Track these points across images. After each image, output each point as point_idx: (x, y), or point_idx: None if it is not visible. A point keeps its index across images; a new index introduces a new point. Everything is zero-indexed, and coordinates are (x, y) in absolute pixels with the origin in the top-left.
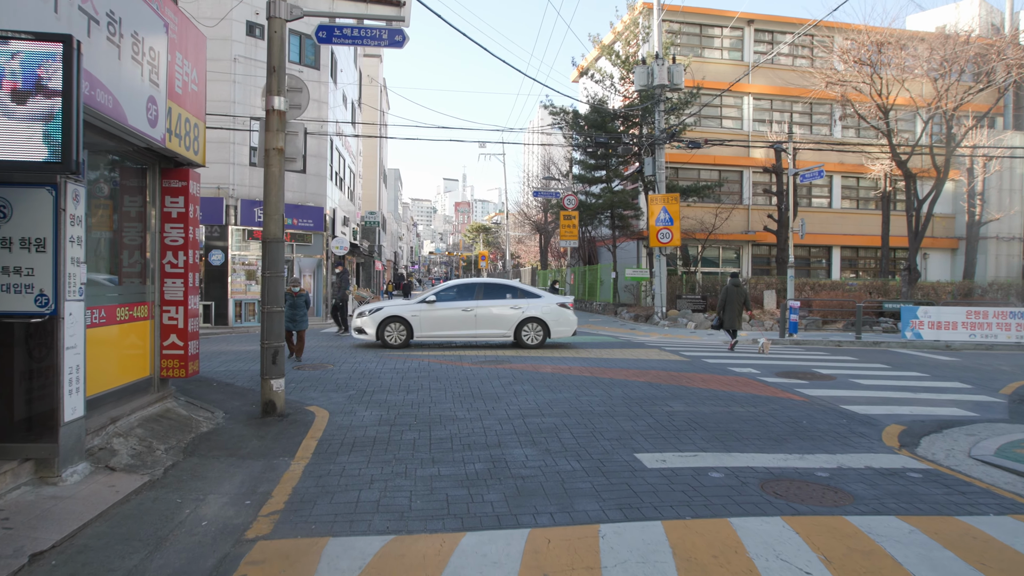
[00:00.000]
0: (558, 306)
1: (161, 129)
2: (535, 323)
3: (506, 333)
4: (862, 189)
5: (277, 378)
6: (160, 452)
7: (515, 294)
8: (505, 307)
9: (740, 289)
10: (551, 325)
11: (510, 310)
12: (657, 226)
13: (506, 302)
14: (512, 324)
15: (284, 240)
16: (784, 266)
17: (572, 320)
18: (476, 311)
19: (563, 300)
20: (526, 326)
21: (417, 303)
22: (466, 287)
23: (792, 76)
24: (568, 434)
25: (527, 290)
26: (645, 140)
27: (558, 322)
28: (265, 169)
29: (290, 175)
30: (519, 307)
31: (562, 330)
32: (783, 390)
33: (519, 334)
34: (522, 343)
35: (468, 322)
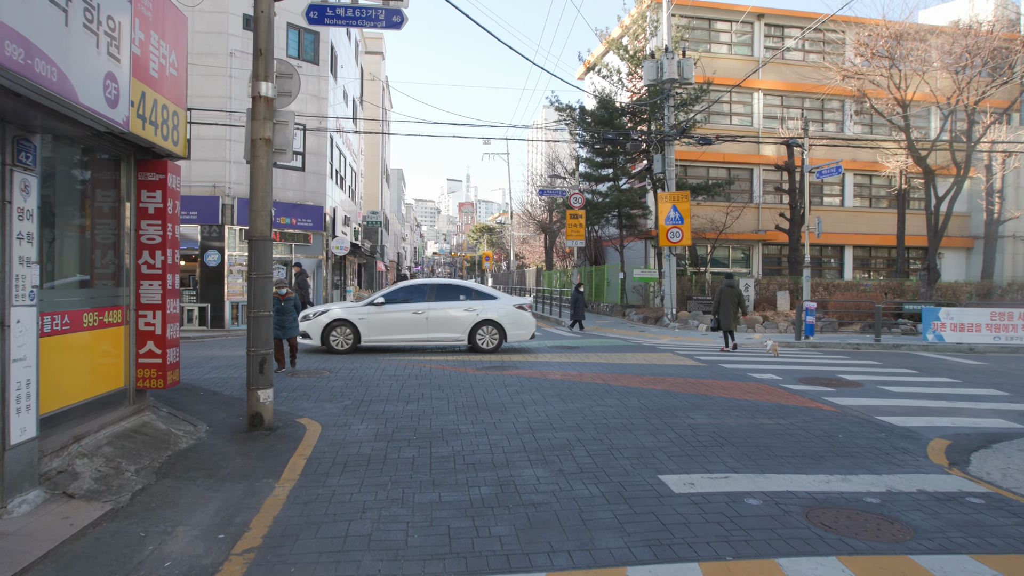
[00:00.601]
0: (515, 308)
1: (124, 111)
2: (490, 326)
3: (459, 337)
4: (875, 187)
5: (264, 388)
6: (129, 474)
7: (470, 295)
8: (459, 309)
9: (734, 290)
10: (507, 328)
11: (464, 312)
12: (667, 225)
13: (460, 304)
14: (466, 327)
15: (272, 239)
16: (796, 266)
17: (530, 323)
18: (428, 314)
19: (521, 302)
20: (481, 329)
21: (364, 305)
22: (417, 288)
23: (803, 72)
24: (583, 451)
25: (482, 291)
26: (654, 136)
27: (515, 325)
28: (251, 161)
29: (289, 173)
30: (473, 309)
31: (519, 333)
32: (810, 399)
33: (473, 338)
34: (477, 347)
35: (419, 325)
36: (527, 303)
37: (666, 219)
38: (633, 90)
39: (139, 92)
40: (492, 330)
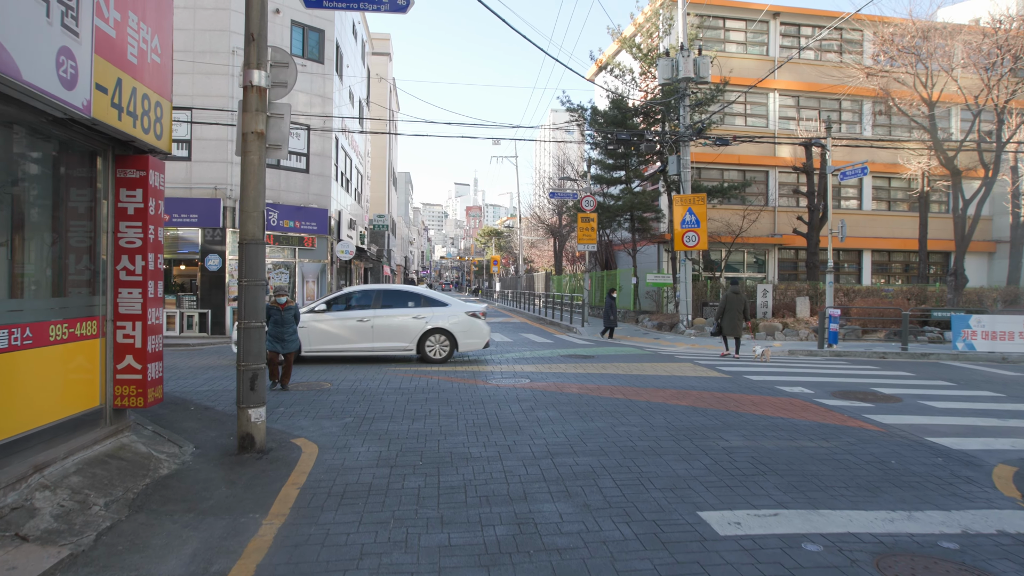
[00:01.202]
0: (467, 316)
1: (83, 94)
2: (441, 335)
3: (408, 346)
4: (894, 190)
5: (256, 407)
6: (97, 508)
7: (419, 302)
8: (407, 317)
9: (739, 296)
10: (459, 337)
11: (412, 320)
12: (682, 229)
13: (408, 311)
14: (414, 336)
15: (266, 242)
16: (814, 271)
17: (483, 331)
18: (373, 321)
19: (474, 309)
20: (430, 338)
21: (305, 312)
22: (363, 294)
23: (820, 72)
24: (609, 481)
25: (433, 298)
26: (669, 137)
27: (467, 333)
28: (242, 157)
29: (293, 175)
30: (422, 317)
31: (471, 342)
32: (850, 416)
33: (422, 347)
34: (426, 357)
35: (364, 334)
36: (480, 310)
37: (682, 222)
38: (646, 90)
39: (114, 78)
40: (442, 339)
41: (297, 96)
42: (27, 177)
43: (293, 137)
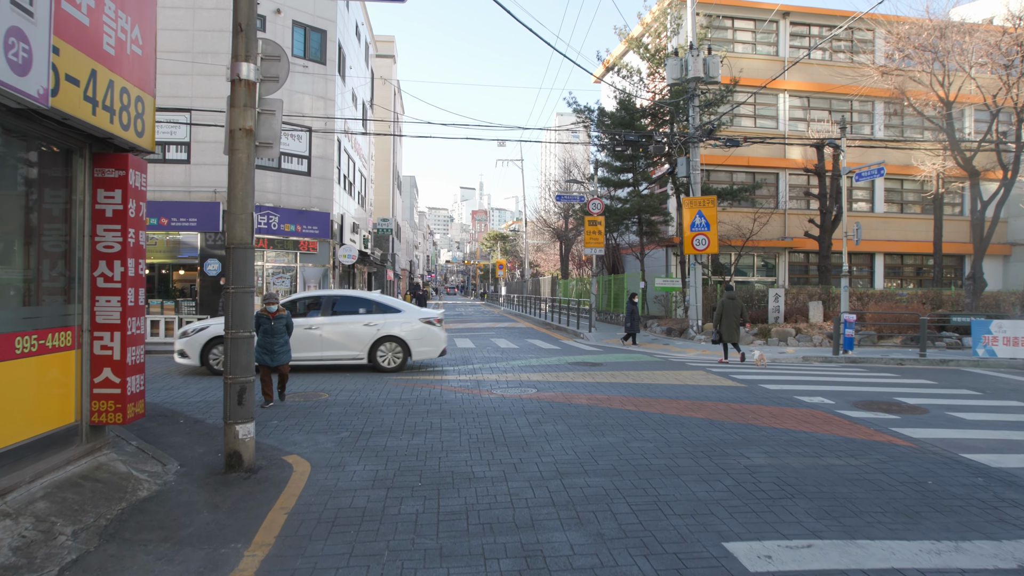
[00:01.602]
0: (422, 323)
1: (40, 81)
2: (393, 342)
3: (358, 355)
4: (906, 192)
5: (244, 422)
6: (64, 538)
7: (371, 309)
8: (358, 324)
9: (736, 302)
10: (412, 345)
11: (363, 328)
12: (692, 232)
13: (359, 318)
14: (366, 344)
15: (255, 246)
16: (826, 275)
17: (439, 338)
18: (323, 329)
19: (429, 316)
20: (382, 346)
21: None
22: (312, 301)
23: (831, 72)
24: (624, 505)
25: (386, 304)
26: (678, 138)
27: (421, 341)
28: (230, 156)
29: (294, 177)
30: (374, 324)
31: (426, 350)
32: (876, 430)
33: (374, 355)
34: (378, 366)
35: (312, 342)
36: (436, 316)
37: (691, 225)
38: (654, 91)
39: (88, 69)
40: (395, 347)
41: (298, 97)
42: (5, 178)
43: (294, 139)
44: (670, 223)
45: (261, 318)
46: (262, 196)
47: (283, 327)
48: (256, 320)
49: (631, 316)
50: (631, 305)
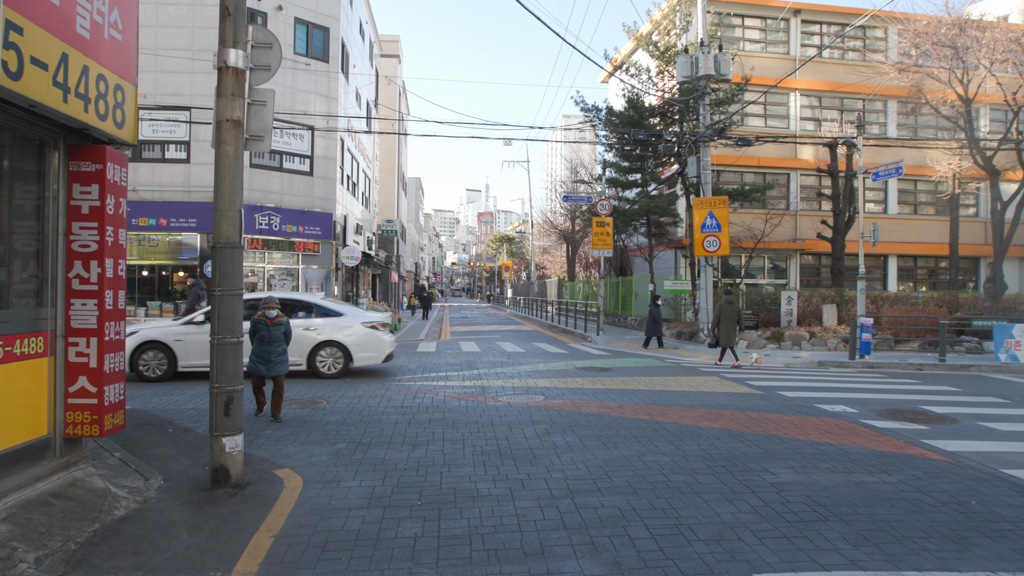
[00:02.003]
0: (364, 327)
1: None
2: (333, 347)
3: (296, 360)
4: (920, 193)
5: (231, 435)
6: (26, 566)
7: (311, 312)
8: (296, 329)
9: (733, 306)
10: (353, 350)
11: (302, 332)
12: (703, 233)
13: (297, 322)
14: (304, 350)
15: (243, 246)
16: (839, 277)
17: (382, 343)
18: None
19: (372, 320)
20: (322, 351)
21: (182, 324)
22: (251, 303)
23: (844, 71)
24: (642, 529)
25: (327, 307)
26: (688, 137)
27: (363, 346)
28: (216, 148)
29: (295, 177)
30: (313, 328)
31: (368, 355)
32: (907, 442)
33: (313, 361)
34: (317, 372)
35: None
36: (380, 320)
37: (702, 227)
38: (663, 89)
39: (58, 52)
40: (336, 352)
41: (301, 96)
42: None
43: (296, 138)
44: (679, 224)
45: (258, 324)
46: (263, 196)
47: (281, 335)
48: (252, 326)
49: (653, 321)
50: (654, 308)
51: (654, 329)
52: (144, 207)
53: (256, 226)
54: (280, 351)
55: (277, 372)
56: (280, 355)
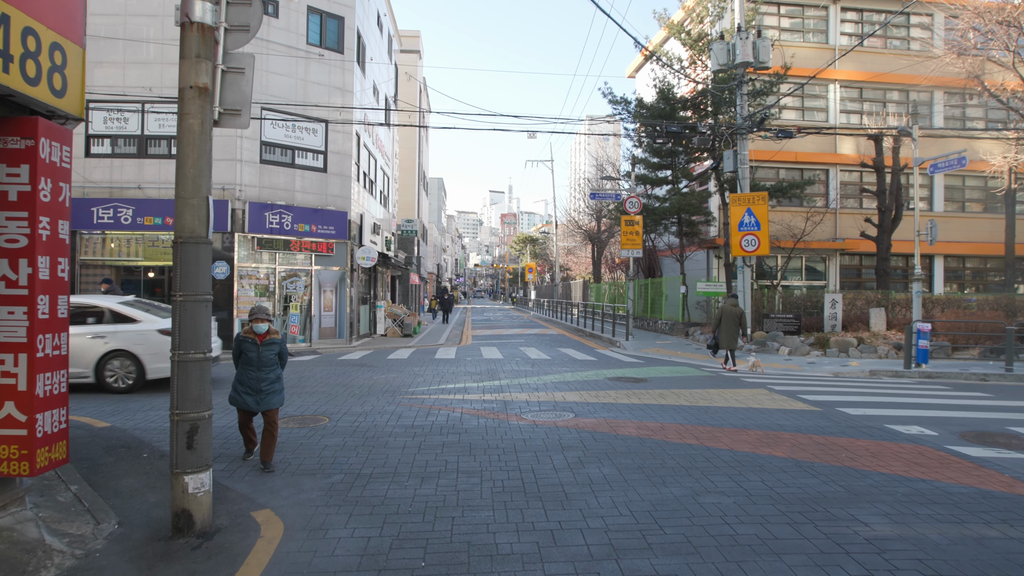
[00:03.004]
0: (159, 334)
1: None
2: (124, 358)
3: (83, 372)
4: (968, 189)
5: (196, 471)
6: None
7: (101, 318)
8: (83, 337)
9: (736, 309)
10: (146, 360)
11: (89, 340)
12: (740, 232)
13: (84, 329)
14: (91, 360)
15: (209, 242)
16: (885, 279)
17: None
18: None
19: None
20: (112, 362)
21: None
22: (75, 312)
23: (885, 60)
24: None
25: (122, 313)
26: (724, 130)
27: (159, 356)
28: (179, 121)
29: (308, 174)
30: (101, 336)
31: (165, 367)
32: (1014, 477)
33: (101, 373)
34: (106, 386)
35: None
36: None
37: (739, 225)
38: (696, 80)
39: None
40: (127, 363)
41: (313, 88)
42: None
43: (309, 133)
44: (712, 223)
45: (244, 343)
46: (273, 194)
47: (274, 356)
48: (237, 345)
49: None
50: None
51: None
52: (150, 206)
53: (266, 225)
54: (273, 378)
55: (269, 405)
56: (273, 383)
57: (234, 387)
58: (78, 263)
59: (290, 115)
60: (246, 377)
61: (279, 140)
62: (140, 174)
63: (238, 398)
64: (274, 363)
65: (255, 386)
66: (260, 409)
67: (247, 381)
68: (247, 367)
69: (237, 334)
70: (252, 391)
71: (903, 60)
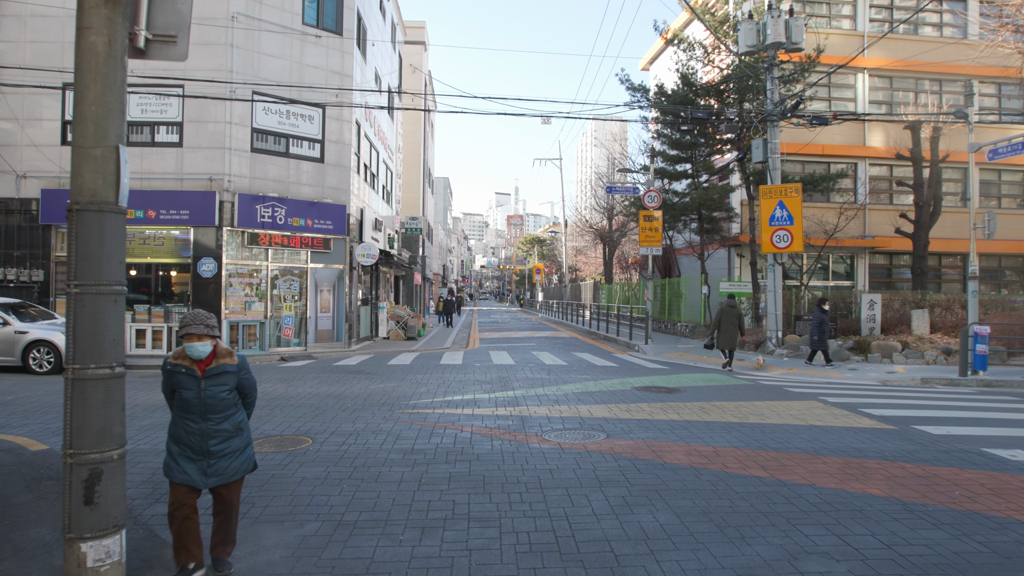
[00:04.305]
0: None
1: None
2: None
3: None
4: (1004, 184)
5: (99, 536)
6: None
7: None
8: None
9: (735, 310)
10: None
11: None
12: (772, 226)
13: None
14: None
15: (121, 210)
16: (922, 278)
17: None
18: None
19: None
20: None
21: None
22: None
23: (916, 48)
24: None
25: None
26: (755, 116)
27: None
28: (77, 40)
29: (303, 163)
30: None
31: None
32: None
33: None
34: None
35: None
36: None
37: (770, 219)
38: (719, 67)
39: None
40: None
41: (309, 72)
42: None
43: (305, 120)
44: (734, 219)
45: (176, 374)
46: (265, 185)
47: (228, 395)
48: (166, 379)
49: (819, 328)
50: (819, 313)
51: (821, 341)
52: (131, 197)
53: (257, 219)
54: (230, 430)
55: (225, 476)
56: (229, 438)
57: (167, 446)
58: (53, 261)
59: (284, 100)
60: (184, 430)
61: (272, 127)
62: None
63: (173, 465)
64: (229, 406)
65: (199, 445)
66: (209, 484)
67: (186, 437)
68: (185, 414)
69: (166, 363)
70: (195, 453)
71: (936, 47)
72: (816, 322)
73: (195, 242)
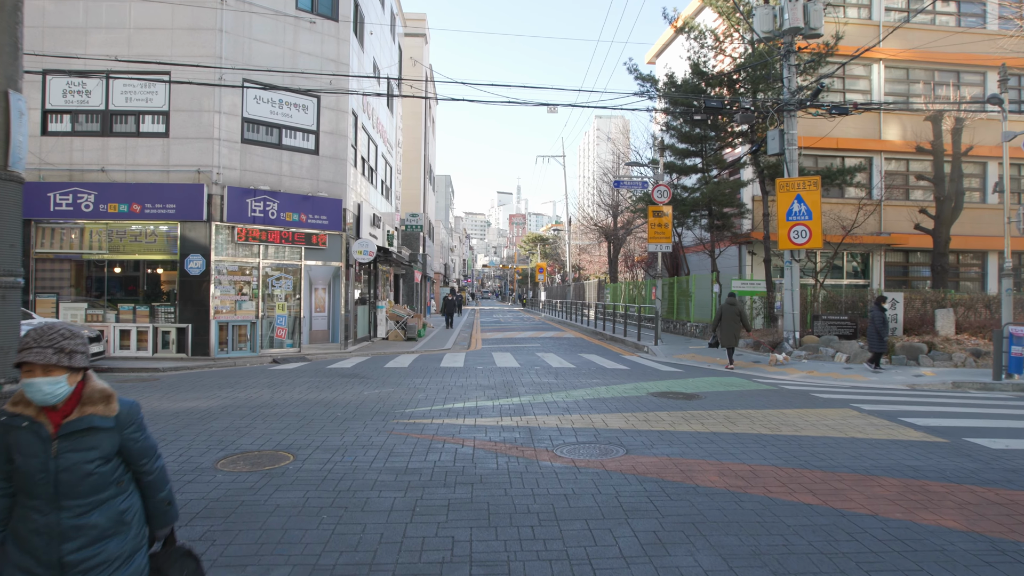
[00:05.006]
0: None
1: None
2: None
3: None
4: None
5: None
6: None
7: None
8: None
9: (735, 308)
10: None
11: None
12: (789, 221)
13: None
14: None
15: (18, 178)
16: (943, 276)
17: None
18: None
19: None
20: None
21: None
22: None
23: (933, 37)
24: None
25: None
26: (771, 106)
27: None
28: None
29: (297, 155)
30: None
31: None
32: None
33: None
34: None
35: None
36: None
37: (788, 213)
38: (732, 56)
39: None
40: None
41: (303, 59)
42: None
43: (299, 110)
44: (746, 216)
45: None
46: (256, 177)
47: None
48: None
49: (879, 330)
50: (878, 313)
51: (879, 343)
52: (115, 191)
53: (248, 213)
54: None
55: None
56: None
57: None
58: (32, 257)
59: (277, 88)
60: (24, 526)
61: (264, 117)
62: (104, 155)
63: None
64: (101, 485)
65: (46, 553)
66: None
67: (27, 538)
68: (27, 498)
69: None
70: (40, 566)
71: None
72: (879, 322)
73: (182, 237)
